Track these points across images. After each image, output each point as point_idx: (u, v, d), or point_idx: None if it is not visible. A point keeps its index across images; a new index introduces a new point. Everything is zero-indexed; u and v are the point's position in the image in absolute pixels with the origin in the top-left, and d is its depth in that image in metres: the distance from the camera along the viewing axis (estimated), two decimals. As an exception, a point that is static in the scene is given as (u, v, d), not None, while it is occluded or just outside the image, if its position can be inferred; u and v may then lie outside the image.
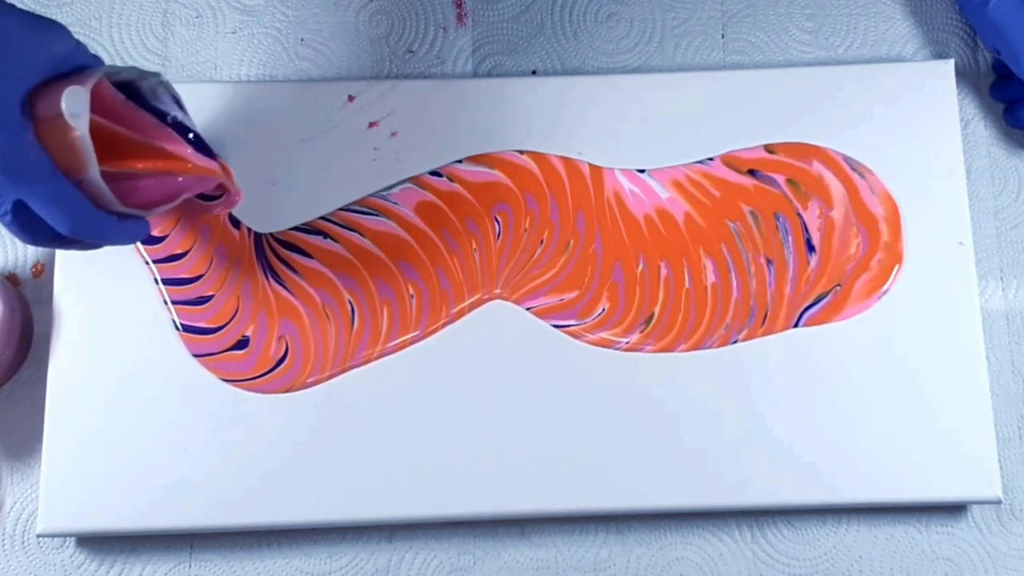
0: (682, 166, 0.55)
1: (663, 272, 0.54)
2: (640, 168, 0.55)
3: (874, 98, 0.56)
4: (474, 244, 0.54)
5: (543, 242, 0.54)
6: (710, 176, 0.55)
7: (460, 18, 0.59)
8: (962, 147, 0.55)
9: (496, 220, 0.54)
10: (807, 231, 0.55)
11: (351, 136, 0.55)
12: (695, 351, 0.53)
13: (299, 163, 0.54)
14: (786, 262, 0.54)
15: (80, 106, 0.38)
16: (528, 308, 0.53)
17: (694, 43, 0.59)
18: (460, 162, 0.55)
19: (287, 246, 0.54)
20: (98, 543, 0.52)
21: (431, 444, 0.51)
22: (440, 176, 0.55)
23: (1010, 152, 0.58)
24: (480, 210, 0.54)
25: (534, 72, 0.58)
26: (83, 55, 0.40)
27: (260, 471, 0.51)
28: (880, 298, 0.54)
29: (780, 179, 0.55)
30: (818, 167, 0.55)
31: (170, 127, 0.43)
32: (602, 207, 0.55)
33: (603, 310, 0.53)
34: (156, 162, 0.42)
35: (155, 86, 0.43)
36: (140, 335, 0.52)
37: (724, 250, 0.54)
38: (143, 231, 0.43)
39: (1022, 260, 0.56)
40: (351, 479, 0.51)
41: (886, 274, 0.54)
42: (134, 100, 0.42)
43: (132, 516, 0.50)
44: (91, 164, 0.38)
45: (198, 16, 0.58)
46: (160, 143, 0.42)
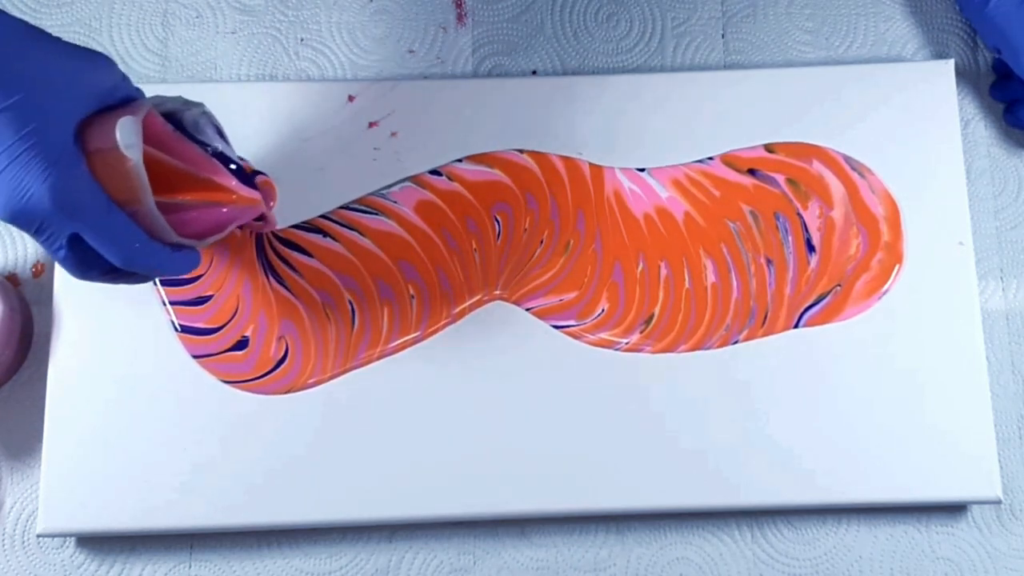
0: (682, 165, 0.55)
1: (663, 272, 0.54)
2: (640, 167, 0.55)
3: (874, 98, 0.56)
4: (474, 244, 0.54)
5: (543, 242, 0.54)
6: (710, 175, 0.55)
7: (460, 18, 0.59)
8: (962, 147, 0.55)
9: (496, 220, 0.54)
10: (807, 231, 0.55)
11: (351, 136, 0.55)
12: (695, 351, 0.53)
13: (299, 163, 0.54)
14: (786, 262, 0.54)
15: (134, 136, 0.38)
16: (528, 309, 0.53)
17: (694, 43, 0.59)
18: (460, 161, 0.55)
19: (287, 244, 0.54)
20: (98, 543, 0.52)
21: (431, 444, 0.51)
22: (440, 175, 0.55)
23: (1010, 152, 0.58)
24: (480, 209, 0.54)
25: (534, 72, 0.58)
26: (128, 87, 0.40)
27: (260, 471, 0.51)
28: (880, 298, 0.54)
29: (780, 179, 0.55)
30: (818, 167, 0.55)
31: (214, 158, 0.43)
32: (602, 206, 0.55)
33: (603, 310, 0.53)
34: (205, 193, 0.42)
35: (198, 117, 0.42)
36: (140, 335, 0.52)
37: (724, 250, 0.54)
38: (195, 262, 0.43)
39: (1022, 260, 0.56)
40: (351, 479, 0.51)
41: (886, 274, 0.54)
42: (178, 130, 0.42)
43: (132, 516, 0.50)
44: (147, 194, 0.38)
45: (198, 16, 0.58)
46: (207, 174, 0.42)
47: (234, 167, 0.43)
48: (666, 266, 0.54)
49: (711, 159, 0.55)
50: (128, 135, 0.38)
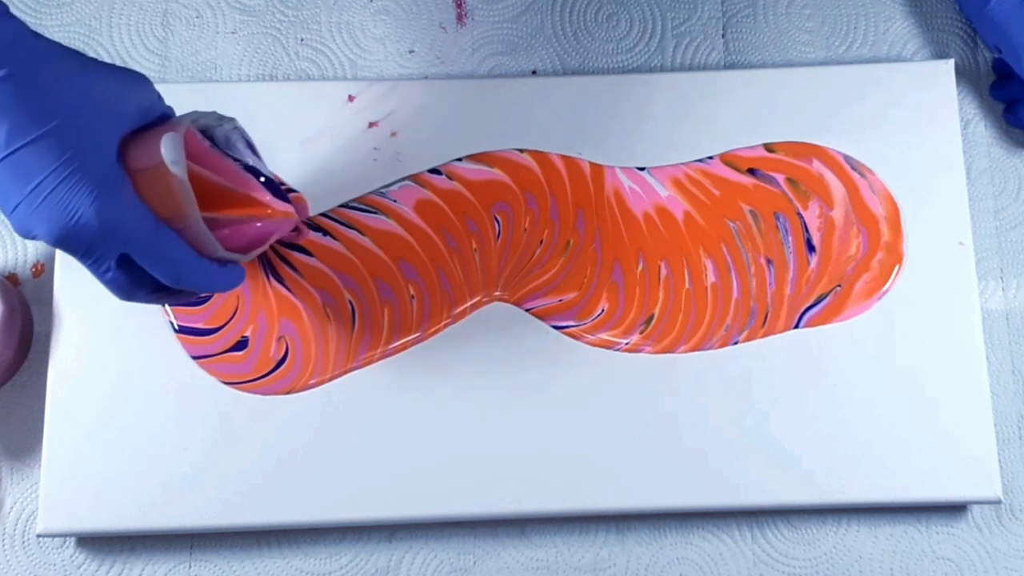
0: (682, 165, 0.55)
1: (663, 272, 0.54)
2: (640, 167, 0.55)
3: (874, 98, 0.56)
4: (474, 244, 0.54)
5: (543, 242, 0.54)
6: (709, 175, 0.55)
7: (460, 18, 0.59)
8: (962, 147, 0.55)
9: (496, 220, 0.54)
10: (807, 231, 0.55)
11: (351, 136, 0.55)
12: (695, 352, 0.53)
13: (299, 163, 0.54)
14: (786, 262, 0.54)
15: (178, 152, 0.38)
16: (528, 309, 0.53)
17: (694, 43, 0.59)
18: (460, 160, 0.55)
19: (287, 243, 0.54)
20: (98, 543, 0.52)
21: (431, 444, 0.51)
22: (439, 174, 0.55)
23: (1010, 152, 0.58)
24: (480, 209, 0.54)
25: (534, 72, 0.58)
26: (162, 105, 0.40)
27: (260, 471, 0.51)
28: (880, 298, 0.54)
29: (780, 178, 0.55)
30: (818, 166, 0.55)
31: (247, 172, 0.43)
32: (602, 205, 0.55)
33: (603, 311, 0.53)
34: (244, 208, 0.42)
35: (229, 132, 0.42)
36: (140, 336, 0.52)
37: (724, 250, 0.54)
38: (241, 276, 0.43)
39: (1022, 260, 0.56)
40: (351, 479, 0.51)
41: (886, 274, 0.54)
42: (213, 145, 0.42)
43: (132, 516, 0.50)
44: (194, 209, 0.38)
45: (198, 16, 0.58)
46: (244, 189, 0.42)
47: (264, 180, 0.43)
48: (666, 266, 0.54)
49: (711, 158, 0.55)
50: (173, 151, 0.37)
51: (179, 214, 0.38)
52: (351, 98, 0.55)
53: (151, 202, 0.38)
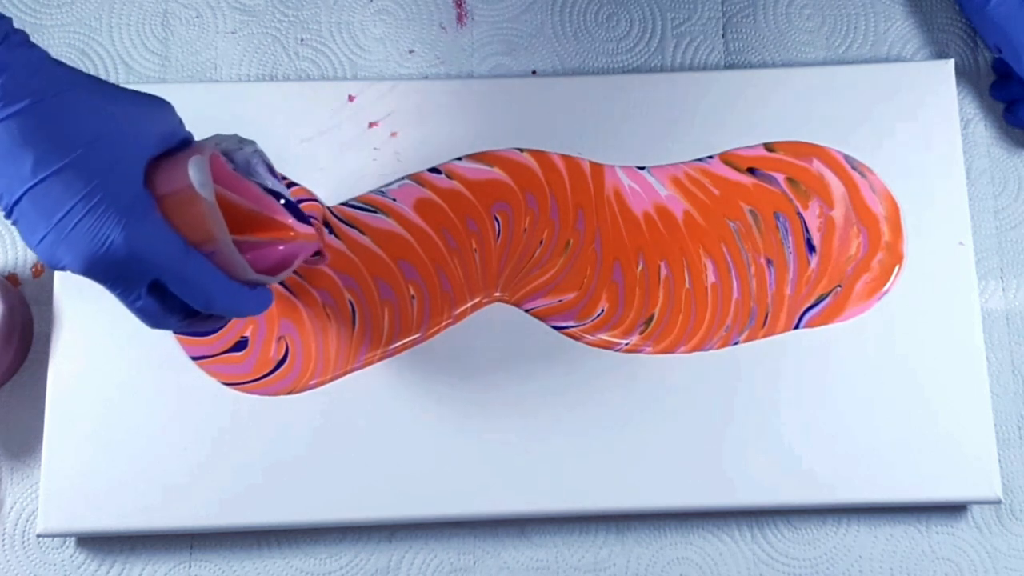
0: (681, 164, 0.55)
1: (663, 272, 0.54)
2: (640, 166, 0.55)
3: (874, 98, 0.56)
4: (474, 244, 0.54)
5: (543, 242, 0.54)
6: (709, 174, 0.55)
7: (460, 18, 0.59)
8: (962, 147, 0.55)
9: (496, 219, 0.54)
10: (807, 231, 0.55)
11: (351, 136, 0.55)
12: (696, 352, 0.53)
13: (299, 163, 0.54)
14: (786, 262, 0.54)
15: (206, 175, 0.37)
16: (528, 310, 0.53)
17: (694, 43, 0.59)
18: (460, 159, 0.55)
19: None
20: (98, 543, 0.52)
21: (431, 444, 0.51)
22: (439, 173, 0.55)
23: (1010, 152, 0.58)
24: (480, 209, 0.54)
25: (534, 72, 0.58)
26: (184, 129, 0.40)
27: (260, 471, 0.51)
28: (880, 298, 0.54)
29: (780, 178, 0.55)
30: (818, 166, 0.55)
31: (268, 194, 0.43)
32: (602, 204, 0.55)
33: (602, 311, 0.53)
34: (269, 231, 0.42)
35: (250, 155, 0.42)
36: (140, 336, 0.52)
37: (724, 250, 0.54)
38: (270, 299, 0.42)
39: (1022, 260, 0.56)
40: (351, 479, 0.51)
41: (887, 274, 0.54)
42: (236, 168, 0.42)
43: (132, 516, 0.50)
44: (223, 232, 0.38)
45: (198, 16, 0.58)
46: (268, 212, 0.42)
47: (284, 202, 0.43)
48: (666, 266, 0.54)
49: (711, 158, 0.55)
50: (201, 174, 0.37)
51: (208, 237, 0.38)
52: (351, 98, 0.55)
53: (179, 227, 0.37)
